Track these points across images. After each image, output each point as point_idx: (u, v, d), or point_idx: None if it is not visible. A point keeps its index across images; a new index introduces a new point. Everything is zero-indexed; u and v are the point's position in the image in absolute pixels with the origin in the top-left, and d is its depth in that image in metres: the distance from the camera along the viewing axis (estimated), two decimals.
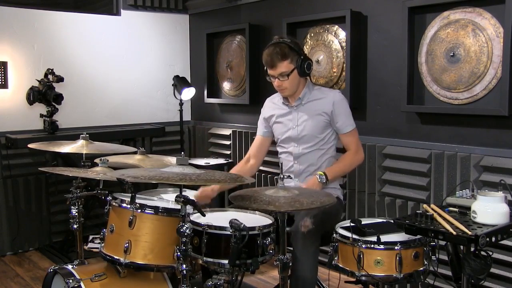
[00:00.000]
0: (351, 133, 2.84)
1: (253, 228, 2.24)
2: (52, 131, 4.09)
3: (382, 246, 2.23)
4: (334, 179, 2.80)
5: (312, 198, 2.18)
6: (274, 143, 3.05)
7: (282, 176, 2.26)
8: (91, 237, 4.17)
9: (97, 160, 2.93)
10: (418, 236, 2.24)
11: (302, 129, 2.84)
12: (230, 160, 4.41)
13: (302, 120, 2.85)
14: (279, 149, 2.99)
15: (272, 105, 3.00)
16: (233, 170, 3.11)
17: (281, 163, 2.40)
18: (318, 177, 2.71)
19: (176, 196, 2.20)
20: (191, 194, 2.78)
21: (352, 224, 2.33)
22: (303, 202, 2.11)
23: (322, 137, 2.84)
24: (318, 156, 2.85)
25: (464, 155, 3.03)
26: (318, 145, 2.84)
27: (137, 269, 2.37)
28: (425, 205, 2.25)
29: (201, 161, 4.29)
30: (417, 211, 2.20)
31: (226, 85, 4.73)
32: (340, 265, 2.34)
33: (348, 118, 2.83)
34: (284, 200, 2.11)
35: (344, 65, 3.62)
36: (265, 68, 2.82)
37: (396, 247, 2.22)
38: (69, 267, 2.49)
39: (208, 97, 4.88)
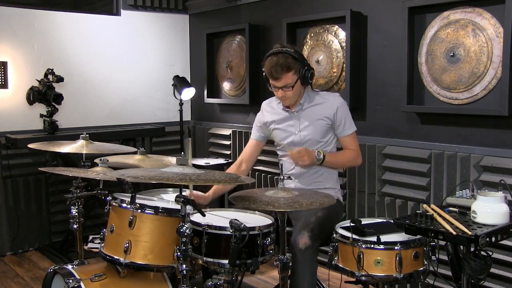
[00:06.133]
0: (351, 135, 2.84)
1: (253, 228, 2.24)
2: (52, 131, 4.09)
3: (382, 246, 2.23)
4: (329, 164, 2.79)
5: (311, 199, 2.18)
6: (271, 143, 3.04)
7: (282, 178, 2.26)
8: (91, 237, 4.18)
9: (97, 160, 2.93)
10: (418, 236, 2.24)
11: (305, 135, 2.83)
12: (230, 160, 4.41)
13: (304, 126, 2.83)
14: (279, 153, 2.97)
15: (271, 110, 2.97)
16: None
17: (281, 165, 2.40)
18: (316, 154, 2.70)
19: (176, 196, 2.20)
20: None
21: (352, 224, 2.34)
22: (302, 203, 2.11)
23: (324, 141, 2.84)
24: None
25: (464, 155, 3.03)
26: (321, 148, 2.83)
27: (137, 269, 2.37)
28: (425, 205, 2.25)
29: (201, 161, 4.29)
30: (417, 211, 2.20)
31: (226, 85, 4.73)
32: (340, 265, 2.34)
33: (350, 121, 2.84)
34: (284, 201, 2.11)
35: (344, 65, 3.62)
36: (264, 74, 2.78)
37: (396, 247, 2.22)
38: (69, 267, 2.48)
39: (208, 97, 4.88)
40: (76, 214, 2.90)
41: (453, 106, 3.08)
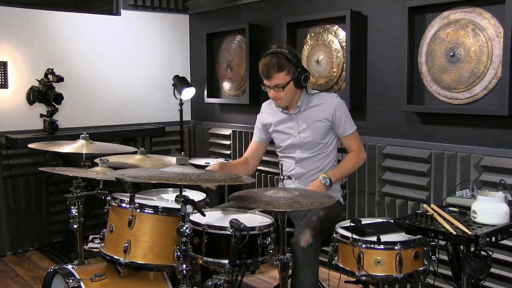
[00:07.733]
0: (352, 135, 2.85)
1: (253, 228, 2.24)
2: (52, 131, 4.09)
3: (382, 246, 2.23)
4: (338, 181, 2.81)
5: (311, 199, 2.18)
6: (272, 143, 3.04)
7: (282, 178, 2.25)
8: (91, 237, 4.17)
9: (97, 160, 2.93)
10: (418, 236, 2.24)
11: (304, 137, 2.83)
12: (230, 160, 4.41)
13: (303, 128, 2.83)
14: (280, 154, 2.97)
15: (270, 111, 2.98)
16: (233, 162, 3.11)
17: (281, 165, 2.40)
18: (322, 179, 2.72)
19: (176, 196, 2.20)
20: (191, 194, 2.78)
21: (352, 224, 2.33)
22: (302, 203, 2.11)
23: (324, 142, 2.84)
24: (319, 159, 2.85)
25: (464, 155, 3.03)
26: (321, 149, 2.84)
27: (137, 269, 2.37)
28: (425, 205, 2.25)
29: (201, 161, 4.29)
30: (417, 211, 2.20)
31: (226, 85, 4.73)
32: (340, 265, 2.34)
33: (349, 121, 2.84)
34: (284, 201, 2.11)
35: (344, 65, 3.62)
36: (261, 76, 2.80)
37: (396, 247, 2.22)
38: (69, 267, 2.48)
39: (208, 97, 4.88)
40: (76, 214, 2.90)
41: (453, 106, 3.08)
